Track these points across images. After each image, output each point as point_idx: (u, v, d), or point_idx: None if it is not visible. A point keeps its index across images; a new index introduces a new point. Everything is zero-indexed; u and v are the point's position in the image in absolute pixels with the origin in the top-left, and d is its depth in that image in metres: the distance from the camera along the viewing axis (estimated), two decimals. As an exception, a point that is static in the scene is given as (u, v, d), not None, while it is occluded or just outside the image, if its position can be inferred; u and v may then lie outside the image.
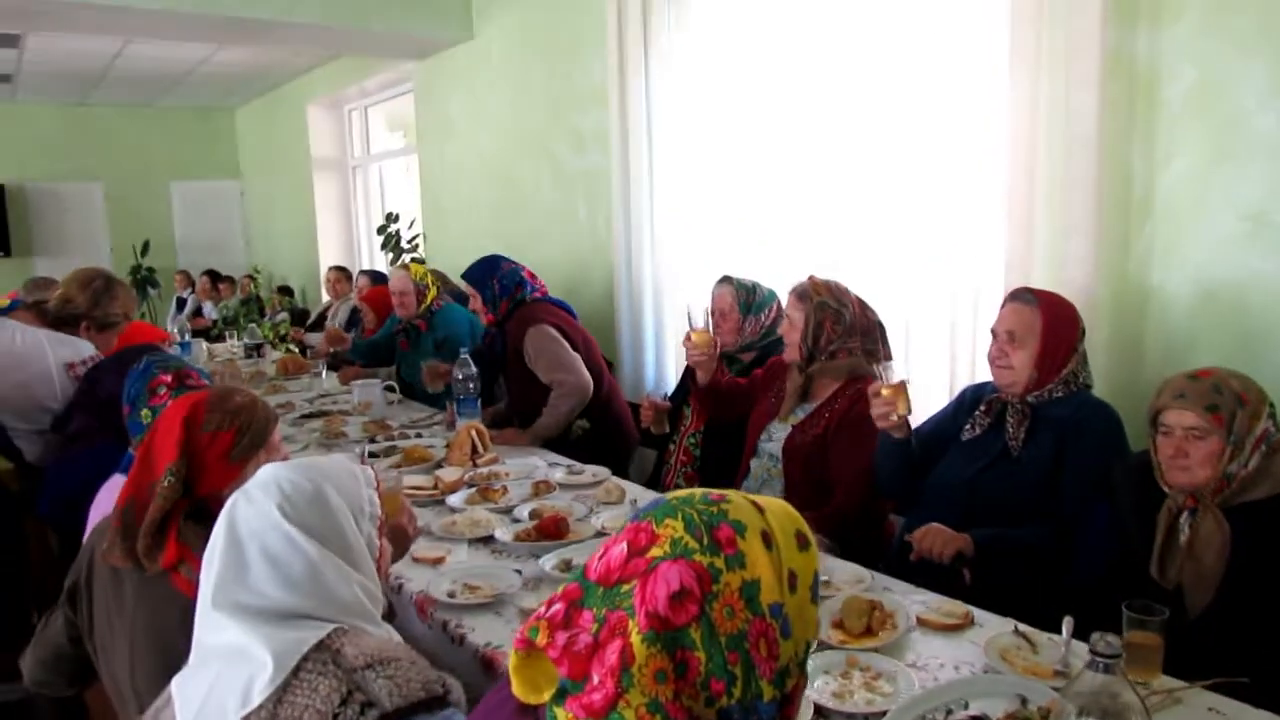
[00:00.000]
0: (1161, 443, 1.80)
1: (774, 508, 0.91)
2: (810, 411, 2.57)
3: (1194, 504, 1.77)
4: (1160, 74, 2.43)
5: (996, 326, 2.23)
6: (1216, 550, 1.71)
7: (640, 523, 0.89)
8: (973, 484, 2.17)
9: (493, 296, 3.40)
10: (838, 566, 1.99)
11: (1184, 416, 1.75)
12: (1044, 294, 2.24)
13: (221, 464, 1.59)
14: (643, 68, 3.91)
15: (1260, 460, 1.74)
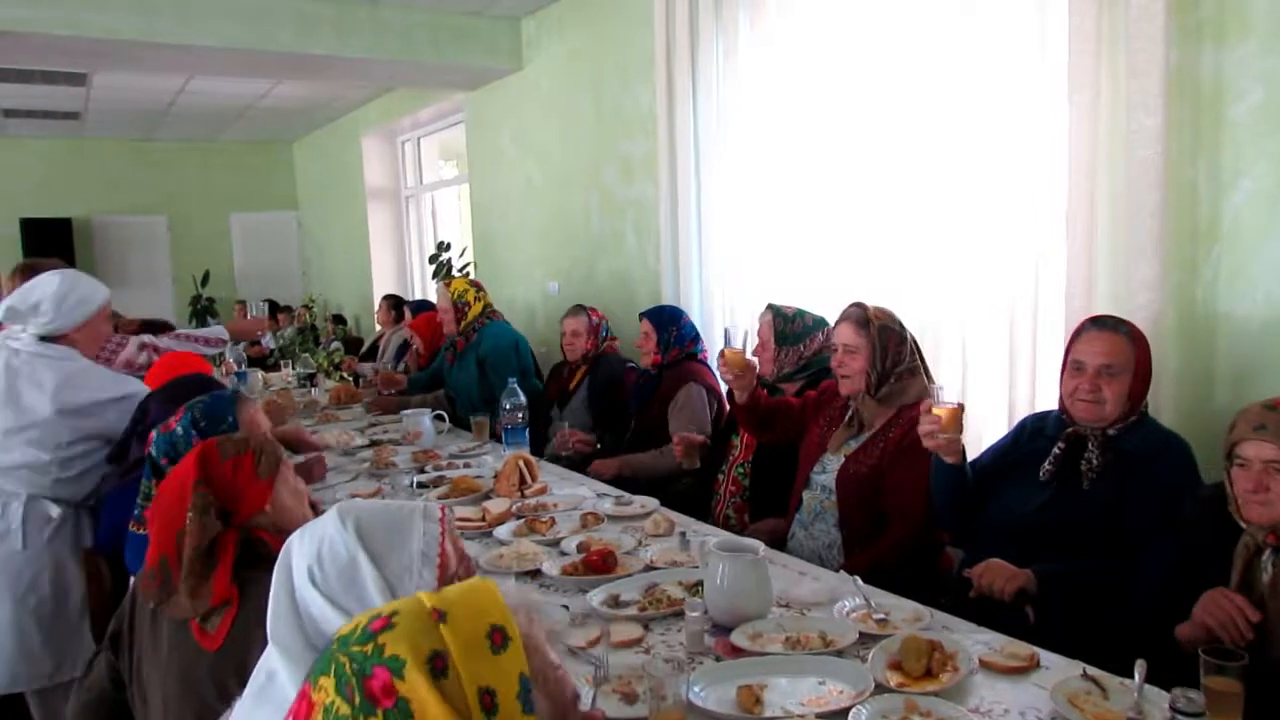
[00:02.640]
0: (1238, 476, 1.73)
1: (462, 606, 0.75)
2: (864, 442, 2.51)
3: (1275, 540, 1.69)
4: (1226, 93, 2.36)
5: (1084, 358, 2.12)
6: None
7: (306, 683, 0.73)
8: (1035, 517, 2.09)
9: (667, 340, 3.52)
10: (895, 604, 1.93)
11: (1263, 449, 1.68)
12: (1128, 323, 2.18)
13: (251, 483, 1.61)
14: (690, 96, 3.92)
15: None
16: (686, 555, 2.29)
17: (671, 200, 4.06)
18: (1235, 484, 1.74)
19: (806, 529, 2.57)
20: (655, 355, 3.53)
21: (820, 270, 3.47)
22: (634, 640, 1.84)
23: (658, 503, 2.75)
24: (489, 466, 3.22)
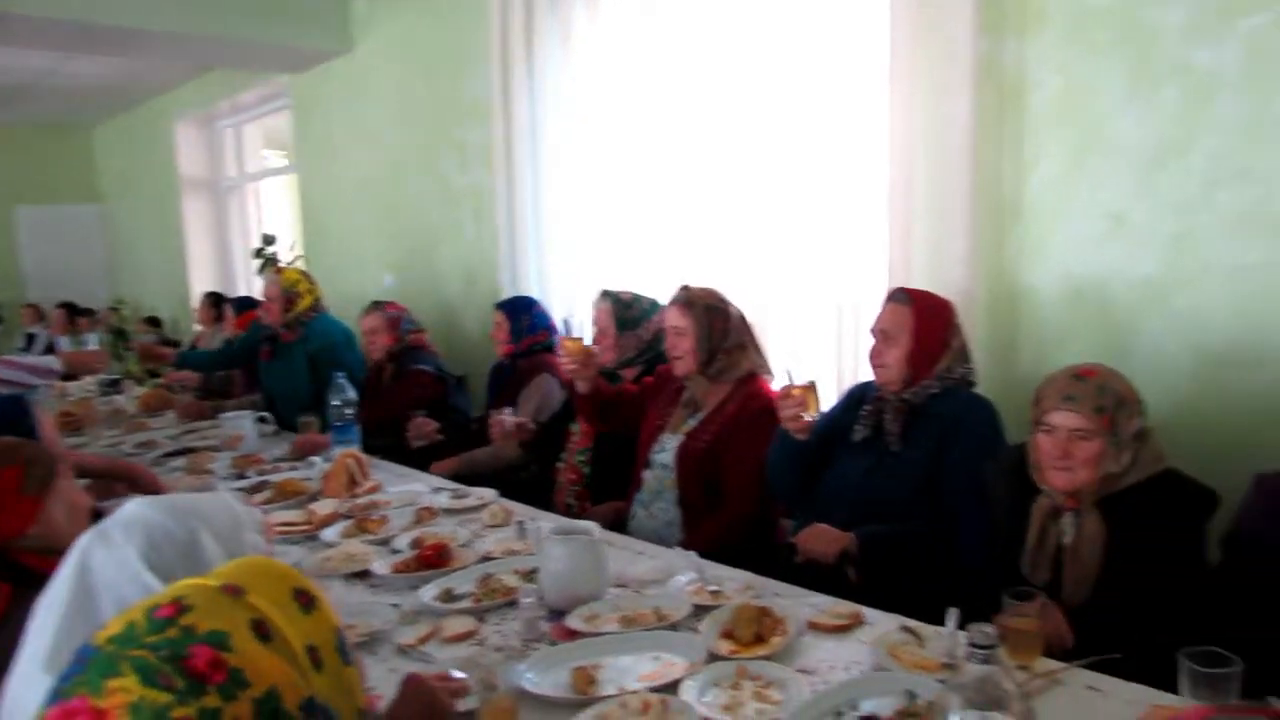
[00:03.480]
0: (1044, 441, 1.80)
1: (256, 576, 0.75)
2: (701, 419, 2.53)
3: (1075, 505, 1.79)
4: (1027, 81, 2.50)
5: (873, 326, 2.26)
6: (1098, 551, 1.74)
7: (69, 702, 0.67)
8: (859, 484, 2.17)
9: (519, 330, 3.46)
10: (729, 575, 1.95)
11: (1069, 419, 1.76)
12: (918, 293, 2.29)
13: (15, 500, 1.43)
14: (527, 83, 3.85)
15: (1132, 455, 1.78)
16: (524, 544, 2.24)
17: (509, 188, 3.98)
18: (1040, 449, 1.82)
19: (646, 509, 2.57)
20: (507, 345, 3.48)
21: (656, 256, 3.48)
22: (468, 633, 1.78)
23: (496, 494, 2.68)
24: (321, 468, 3.05)
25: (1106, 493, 1.77)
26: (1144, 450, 1.79)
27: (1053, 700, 1.42)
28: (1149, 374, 2.33)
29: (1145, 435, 1.80)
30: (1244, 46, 2.15)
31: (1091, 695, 1.44)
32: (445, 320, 4.74)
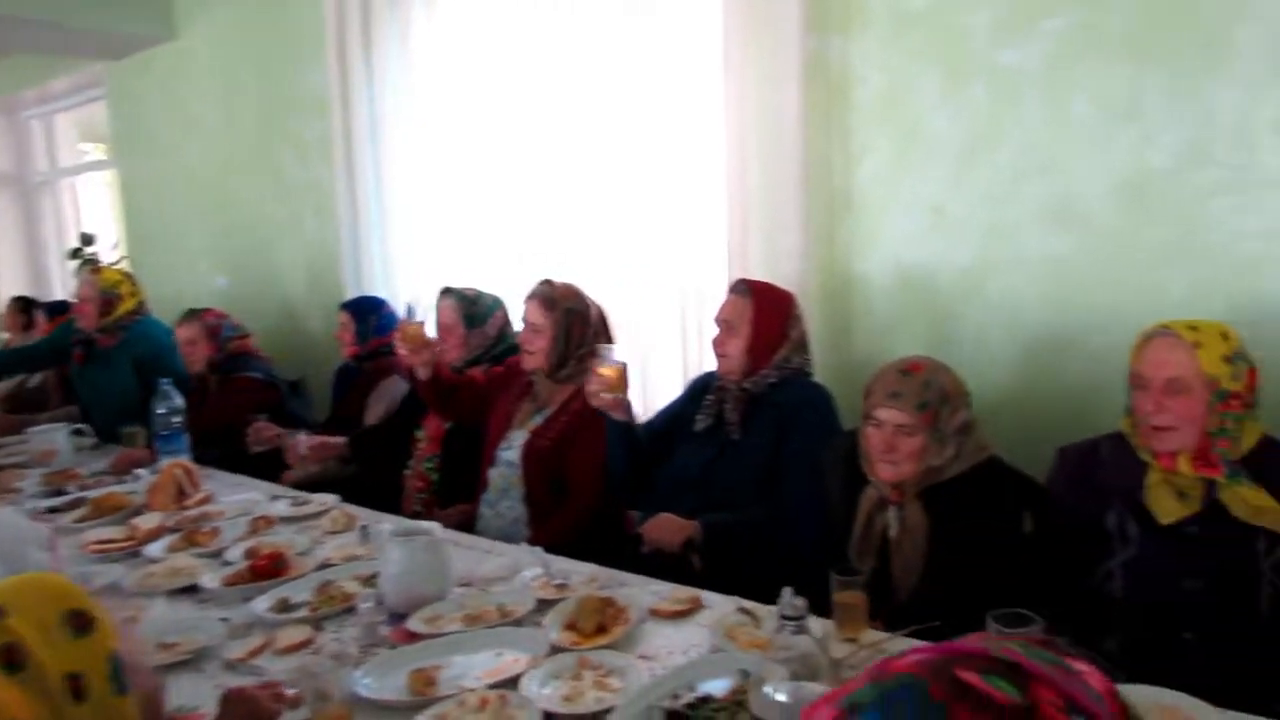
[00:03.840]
0: (872, 435, 1.87)
1: (24, 595, 0.70)
2: (548, 416, 2.52)
3: (899, 498, 1.86)
4: (852, 78, 2.61)
5: (716, 315, 2.31)
6: (920, 542, 1.83)
7: None
8: (702, 472, 2.21)
9: (366, 331, 3.32)
10: (574, 569, 1.94)
11: (894, 415, 1.83)
12: (759, 285, 2.34)
13: None
14: (366, 76, 3.72)
15: (956, 447, 1.86)
16: (366, 549, 2.17)
17: (350, 183, 3.84)
18: (869, 442, 1.88)
19: (493, 507, 2.53)
20: (353, 347, 3.35)
21: (503, 250, 3.44)
22: (302, 643, 1.72)
23: (338, 499, 2.58)
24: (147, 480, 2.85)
25: (930, 484, 1.85)
26: (968, 442, 1.87)
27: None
28: (972, 359, 2.48)
29: (969, 427, 1.89)
30: (1045, 48, 2.30)
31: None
32: (287, 321, 4.54)
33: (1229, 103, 2.09)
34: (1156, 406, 1.64)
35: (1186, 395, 1.63)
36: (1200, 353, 1.64)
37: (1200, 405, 1.63)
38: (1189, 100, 2.13)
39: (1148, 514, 1.68)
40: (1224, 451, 1.64)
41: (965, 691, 0.43)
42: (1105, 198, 2.26)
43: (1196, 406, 1.63)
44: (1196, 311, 2.08)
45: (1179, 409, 1.63)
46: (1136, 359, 1.72)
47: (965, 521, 1.80)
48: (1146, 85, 2.18)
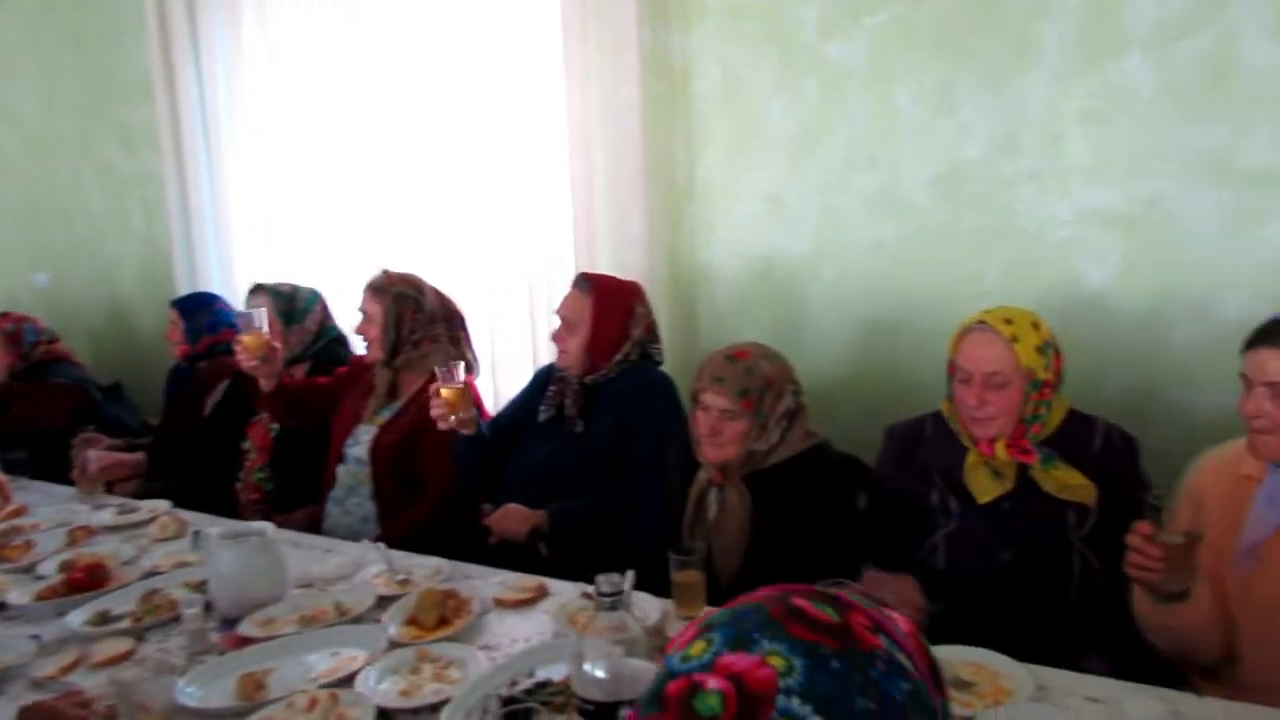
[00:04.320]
0: (699, 418, 1.91)
1: None
2: (397, 410, 2.47)
3: (721, 479, 1.91)
4: (691, 71, 2.67)
5: (557, 309, 2.30)
6: (740, 523, 1.87)
7: None
8: (548, 463, 2.21)
9: (197, 329, 3.11)
10: (419, 563, 1.91)
11: (719, 399, 1.86)
12: (600, 281, 2.32)
13: None
14: (192, 56, 3.53)
15: (781, 433, 1.91)
16: (198, 555, 2.06)
17: (179, 174, 3.64)
18: (697, 425, 1.92)
19: (341, 505, 2.46)
20: (183, 346, 3.15)
21: (348, 243, 3.33)
22: (123, 655, 1.63)
23: (169, 504, 2.45)
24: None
25: (755, 469, 1.90)
26: (793, 429, 1.92)
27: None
28: (812, 343, 2.59)
29: (795, 415, 1.94)
30: (868, 43, 2.41)
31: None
32: (117, 321, 4.26)
33: (1036, 96, 2.24)
34: (979, 401, 1.71)
35: (1006, 388, 1.71)
36: (1017, 346, 1.71)
37: (1018, 395, 1.72)
38: (999, 94, 2.28)
39: (967, 492, 1.77)
40: (1034, 436, 1.75)
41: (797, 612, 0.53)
42: (926, 187, 2.39)
43: (1014, 397, 1.71)
44: (1012, 294, 2.24)
45: (999, 401, 1.71)
46: (956, 351, 1.79)
47: (788, 506, 1.84)
48: (960, 80, 2.31)
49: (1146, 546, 1.38)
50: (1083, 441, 1.77)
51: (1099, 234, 2.22)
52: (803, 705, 0.47)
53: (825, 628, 0.52)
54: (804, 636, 0.51)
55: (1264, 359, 1.49)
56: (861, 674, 0.50)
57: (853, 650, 0.51)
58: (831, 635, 0.52)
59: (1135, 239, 2.18)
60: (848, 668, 0.50)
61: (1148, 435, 2.15)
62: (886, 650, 0.53)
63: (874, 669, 0.51)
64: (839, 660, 0.50)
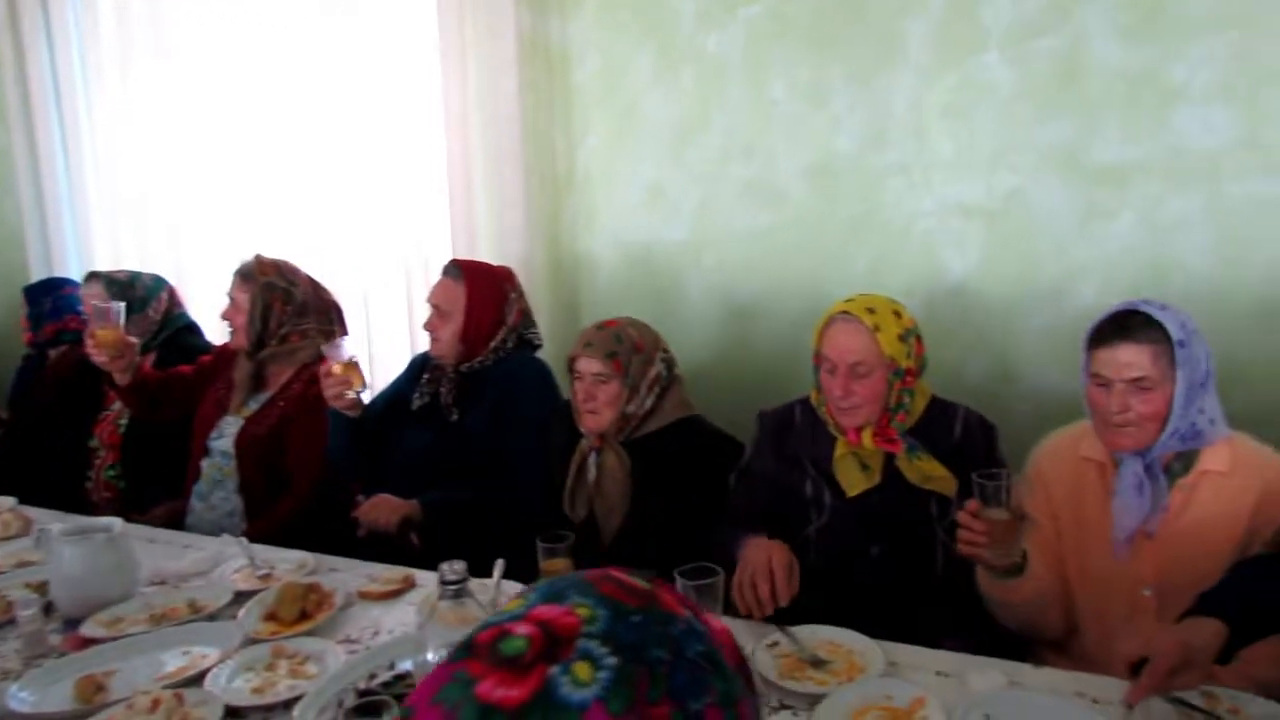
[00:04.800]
0: (576, 388, 1.97)
1: None
2: (264, 402, 2.37)
3: (600, 444, 1.95)
4: (571, 59, 2.65)
5: (429, 298, 2.24)
6: (620, 483, 1.91)
7: None
8: (423, 452, 2.17)
9: (39, 315, 2.98)
10: (282, 557, 1.85)
11: (590, 364, 1.93)
12: (472, 267, 2.27)
13: None
14: (43, 29, 3.31)
15: (654, 400, 1.98)
16: (41, 553, 1.94)
17: (30, 150, 3.41)
18: (575, 395, 1.98)
19: (205, 500, 2.35)
20: (29, 333, 2.98)
21: (221, 231, 3.19)
22: (-54, 663, 1.50)
23: (14, 501, 2.30)
24: None
25: (632, 436, 1.95)
26: (668, 398, 1.99)
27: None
28: (690, 328, 2.61)
29: (668, 384, 2.00)
30: (744, 35, 2.45)
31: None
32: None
33: (902, 91, 2.31)
34: (844, 390, 1.72)
35: (869, 377, 1.72)
36: (879, 336, 1.72)
37: (881, 385, 1.73)
38: (868, 88, 2.34)
39: (838, 484, 1.78)
40: (900, 425, 1.76)
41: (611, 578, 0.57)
42: (800, 178, 2.44)
43: (878, 386, 1.73)
44: (882, 282, 2.32)
45: (863, 390, 1.72)
46: (821, 340, 1.79)
47: (664, 474, 1.91)
48: (832, 73, 2.37)
49: (972, 523, 1.42)
50: (944, 429, 1.80)
51: (961, 225, 2.30)
52: (601, 647, 0.51)
53: (633, 590, 0.56)
54: (611, 593, 0.55)
55: (1121, 355, 1.51)
56: (661, 628, 0.54)
57: (655, 609, 0.55)
58: (637, 597, 0.56)
59: (995, 230, 2.28)
60: (648, 620, 0.54)
61: (1007, 419, 2.26)
62: (688, 619, 0.56)
63: (674, 627, 0.54)
64: (640, 615, 0.54)
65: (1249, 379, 2.08)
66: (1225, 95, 2.01)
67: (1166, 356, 1.49)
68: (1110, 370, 1.51)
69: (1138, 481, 1.55)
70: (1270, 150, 2.00)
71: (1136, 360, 1.49)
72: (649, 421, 1.96)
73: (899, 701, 1.28)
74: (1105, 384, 1.53)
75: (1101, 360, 1.53)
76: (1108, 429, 1.55)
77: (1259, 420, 2.03)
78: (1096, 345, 1.55)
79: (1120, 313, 1.55)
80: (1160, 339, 1.49)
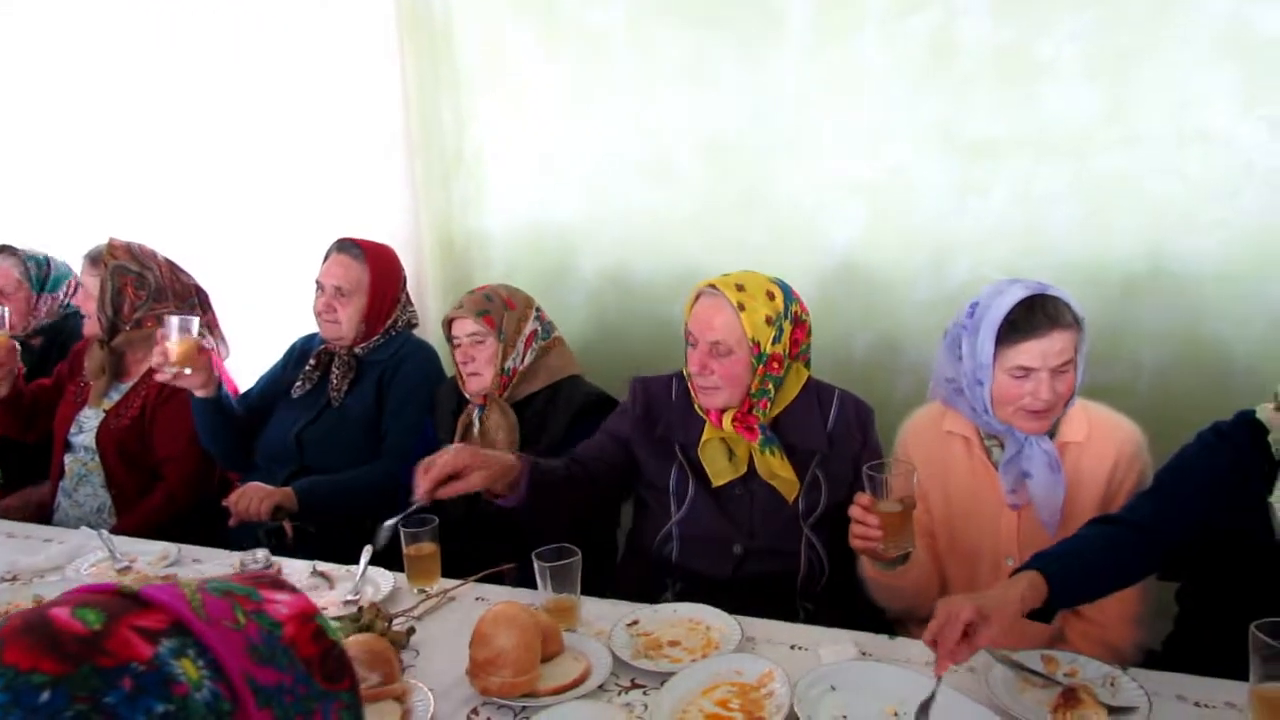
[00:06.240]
0: (456, 354, 2.00)
1: None
2: (125, 392, 2.27)
3: (484, 402, 1.97)
4: (454, 35, 2.59)
5: (323, 279, 2.17)
6: (506, 440, 1.91)
7: None
8: (300, 438, 2.12)
9: None
10: (145, 549, 1.79)
11: (464, 324, 1.96)
12: (370, 246, 2.23)
13: None
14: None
15: (534, 358, 2.01)
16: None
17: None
18: (456, 361, 2.01)
19: (71, 497, 2.26)
20: None
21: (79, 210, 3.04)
22: None
23: None
24: None
25: (515, 396, 1.98)
26: (549, 357, 2.03)
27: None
28: (582, 304, 2.60)
29: (550, 345, 2.05)
30: (627, 10, 2.41)
31: (480, 606, 1.55)
32: None
33: (787, 68, 2.31)
34: (701, 367, 1.65)
35: (729, 358, 1.64)
36: (743, 316, 1.63)
37: (743, 367, 1.64)
38: (754, 65, 2.33)
39: (703, 473, 1.70)
40: (762, 412, 1.68)
41: (36, 627, 0.44)
42: (689, 155, 2.43)
43: (738, 368, 1.64)
44: (772, 258, 2.30)
45: (722, 370, 1.64)
46: (688, 314, 1.72)
47: (545, 429, 1.94)
48: (718, 51, 2.35)
49: (866, 517, 1.38)
50: (819, 413, 1.74)
51: (845, 201, 2.32)
52: None
53: (57, 648, 0.43)
54: (16, 662, 0.42)
55: (1047, 344, 1.49)
56: (88, 702, 0.42)
57: (86, 672, 0.43)
58: (59, 656, 0.43)
59: (877, 206, 2.30)
60: (64, 698, 0.42)
61: (895, 392, 2.32)
62: (154, 661, 0.45)
63: (113, 692, 0.43)
64: (54, 690, 0.42)
65: (1116, 348, 2.15)
66: (1089, 71, 2.06)
67: (1076, 338, 1.52)
68: (1038, 360, 1.50)
69: (1049, 460, 1.55)
70: (1132, 125, 2.05)
71: (1061, 347, 1.50)
72: (531, 380, 1.99)
73: (748, 677, 1.30)
74: (1026, 374, 1.52)
75: (1029, 351, 1.51)
76: (1023, 415, 1.54)
77: (1125, 389, 2.12)
78: (1016, 339, 1.52)
79: (1025, 303, 1.52)
80: (1072, 321, 1.51)
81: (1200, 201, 2.04)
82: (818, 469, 1.71)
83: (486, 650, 1.27)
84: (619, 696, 1.30)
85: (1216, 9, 1.94)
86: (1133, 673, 1.29)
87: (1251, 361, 2.08)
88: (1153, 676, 1.29)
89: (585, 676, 1.31)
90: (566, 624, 1.45)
